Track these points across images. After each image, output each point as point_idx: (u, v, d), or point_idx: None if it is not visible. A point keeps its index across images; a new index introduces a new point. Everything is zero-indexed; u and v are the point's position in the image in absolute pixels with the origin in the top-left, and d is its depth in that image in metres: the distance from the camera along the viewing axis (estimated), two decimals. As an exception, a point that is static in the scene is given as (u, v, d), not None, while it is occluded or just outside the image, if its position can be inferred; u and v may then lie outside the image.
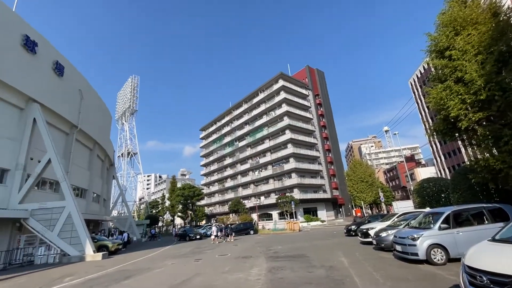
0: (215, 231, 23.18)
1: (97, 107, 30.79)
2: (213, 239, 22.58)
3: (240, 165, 56.68)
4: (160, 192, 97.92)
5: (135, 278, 9.12)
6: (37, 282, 9.81)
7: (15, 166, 17.41)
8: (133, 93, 75.22)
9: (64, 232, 16.20)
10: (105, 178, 35.55)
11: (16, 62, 17.83)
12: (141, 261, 13.91)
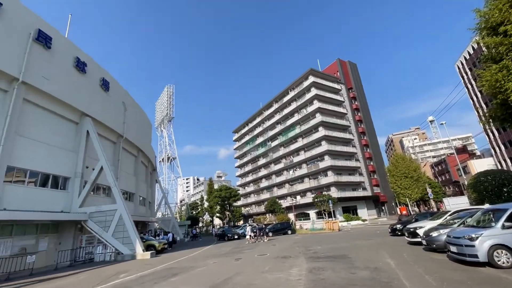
0: (250, 231, 23.49)
1: (138, 117, 33.28)
2: (248, 239, 22.92)
3: (274, 165, 56.65)
4: (198, 194, 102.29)
5: (181, 276, 9.64)
6: (97, 277, 10.91)
7: (74, 174, 19.64)
8: (169, 101, 79.72)
9: (117, 233, 17.78)
10: (149, 182, 38.25)
11: (70, 82, 20.14)
12: (185, 260, 14.65)
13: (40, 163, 17.37)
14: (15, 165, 15.70)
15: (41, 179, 17.53)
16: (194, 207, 69.31)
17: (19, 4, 17.23)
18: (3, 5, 15.82)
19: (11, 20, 16.25)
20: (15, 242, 15.43)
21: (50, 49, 18.71)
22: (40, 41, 17.86)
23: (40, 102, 17.87)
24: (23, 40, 16.78)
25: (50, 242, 17.54)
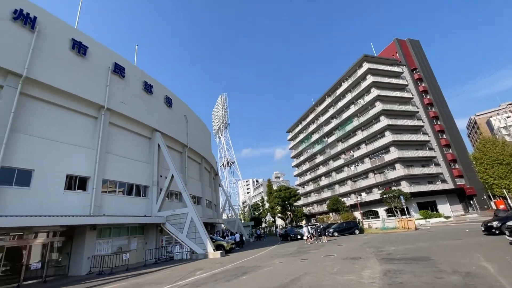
0: (307, 231, 23.04)
1: (198, 127, 36.13)
2: (305, 240, 22.55)
3: (332, 162, 54.16)
4: (259, 195, 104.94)
5: (250, 275, 10.02)
6: (178, 273, 12.20)
7: (152, 183, 22.48)
8: (223, 109, 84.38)
9: (190, 234, 19.57)
10: (213, 187, 41.05)
11: (141, 103, 23.22)
12: (252, 259, 15.18)
13: (125, 175, 20.44)
14: (108, 178, 18.86)
15: (127, 189, 20.61)
16: (256, 208, 71.34)
17: (99, 44, 20.74)
18: (89, 48, 19.31)
19: (94, 59, 19.68)
20: (113, 242, 18.47)
21: (124, 78, 21.96)
22: (116, 72, 21.14)
23: (121, 123, 21.08)
24: (104, 74, 20.12)
25: (138, 242, 20.42)
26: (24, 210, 13.61)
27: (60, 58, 17.26)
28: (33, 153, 14.87)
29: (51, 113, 16.57)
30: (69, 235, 16.85)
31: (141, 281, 11.24)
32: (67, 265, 16.33)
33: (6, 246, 14.12)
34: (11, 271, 14.10)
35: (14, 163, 13.96)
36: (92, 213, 16.60)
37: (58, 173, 15.85)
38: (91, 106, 18.87)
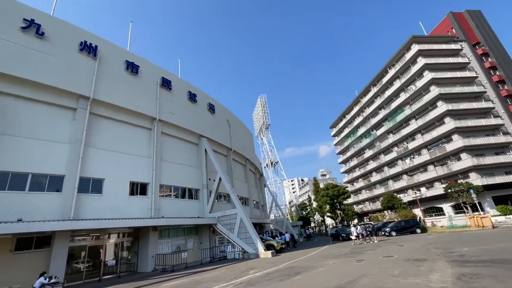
0: (354, 231, 21.77)
1: (241, 130, 37.08)
2: (353, 241, 21.38)
3: (384, 156, 50.24)
4: (305, 194, 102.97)
5: (303, 275, 9.86)
6: (233, 272, 12.65)
7: (202, 186, 23.81)
8: (263, 110, 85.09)
9: (241, 234, 20.13)
10: (259, 187, 41.63)
11: (187, 112, 24.83)
12: (303, 259, 14.93)
13: (178, 180, 22.04)
14: (163, 183, 20.58)
15: (181, 192, 22.18)
16: (303, 208, 70.09)
17: (148, 62, 22.83)
18: (140, 67, 21.41)
19: (145, 76, 21.73)
20: (172, 242, 20.05)
21: (171, 90, 23.75)
22: (164, 85, 23.01)
23: (171, 132, 22.82)
24: (154, 88, 22.07)
25: (194, 242, 21.79)
26: (99, 214, 15.68)
27: (118, 79, 19.52)
28: (102, 164, 17.04)
29: (114, 128, 18.79)
30: (135, 235, 18.84)
31: (200, 278, 11.95)
32: (135, 262, 18.26)
33: (88, 245, 16.43)
34: (93, 267, 16.36)
35: (88, 174, 16.19)
36: (153, 216, 18.30)
37: (123, 180, 17.88)
38: (146, 118, 20.85)
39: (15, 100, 14.82)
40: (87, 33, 18.80)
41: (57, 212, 14.17)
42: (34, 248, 13.62)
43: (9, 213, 12.68)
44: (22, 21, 15.72)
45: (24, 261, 13.09)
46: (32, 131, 14.83)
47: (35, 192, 14.02)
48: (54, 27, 17.07)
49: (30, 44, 15.62)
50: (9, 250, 12.88)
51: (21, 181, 13.75)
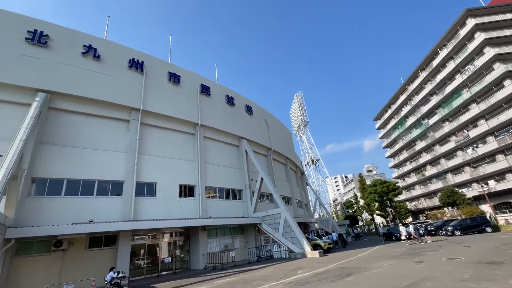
0: (404, 231, 19.94)
1: (279, 129, 36.94)
2: (405, 241, 19.65)
3: (439, 147, 45.25)
4: (350, 192, 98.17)
5: (356, 277, 9.38)
6: (281, 271, 12.63)
7: (244, 186, 24.32)
8: (301, 107, 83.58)
9: (286, 233, 20.02)
10: (301, 186, 40.94)
11: (226, 115, 25.62)
12: (354, 260, 14.21)
13: (221, 181, 22.85)
14: (208, 185, 21.54)
15: (225, 193, 22.97)
16: (349, 206, 66.89)
17: (188, 71, 24.18)
18: (181, 76, 22.79)
19: (185, 84, 23.06)
20: (220, 241, 20.85)
21: (210, 96, 24.78)
22: (203, 92, 24.12)
23: (212, 135, 23.79)
24: (194, 95, 23.28)
25: (240, 241, 22.34)
26: (154, 215, 17.08)
27: (162, 90, 21.07)
28: (154, 169, 18.53)
29: (161, 135, 20.30)
30: (187, 235, 20.06)
31: (249, 277, 12.19)
32: (188, 260, 19.43)
33: (147, 244, 18.01)
34: (151, 263, 17.88)
35: (143, 179, 17.75)
36: (201, 216, 19.27)
37: (173, 183, 19.19)
38: (189, 124, 22.09)
39: (79, 116, 16.99)
40: (134, 51, 20.69)
41: (119, 214, 15.83)
42: (103, 246, 15.42)
43: (82, 216, 14.55)
44: (82, 47, 17.98)
45: (96, 257, 14.89)
46: (95, 143, 16.81)
47: (101, 196, 15.87)
48: (107, 49, 19.16)
49: (89, 66, 17.78)
50: (84, 248, 14.79)
51: (90, 187, 15.70)
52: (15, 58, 15.32)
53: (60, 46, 17.16)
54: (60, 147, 15.47)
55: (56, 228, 12.68)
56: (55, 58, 16.66)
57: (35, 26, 16.62)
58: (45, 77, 15.86)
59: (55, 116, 16.07)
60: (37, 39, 16.35)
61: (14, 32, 15.86)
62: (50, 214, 13.82)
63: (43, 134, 15.15)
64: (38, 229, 12.31)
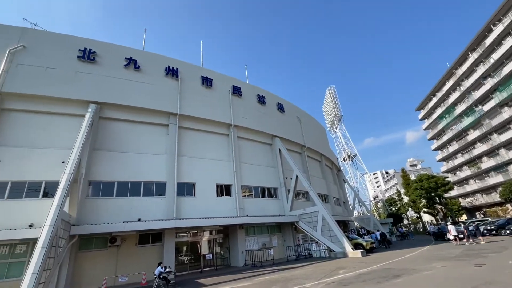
0: (453, 230, 17.98)
1: (312, 125, 36.06)
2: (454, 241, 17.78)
3: (497, 135, 40.10)
4: (392, 188, 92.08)
5: (405, 278, 8.76)
6: (321, 271, 12.35)
7: (279, 184, 24.25)
8: (334, 101, 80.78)
9: (324, 232, 19.51)
10: (338, 183, 39.51)
11: (259, 114, 25.78)
12: (401, 261, 13.30)
13: (256, 180, 23.06)
14: (244, 184, 21.90)
15: (260, 192, 23.14)
16: (392, 203, 62.77)
17: (219, 74, 24.85)
18: (213, 79, 23.52)
19: (218, 87, 23.73)
20: (258, 239, 21.08)
21: (241, 96, 25.15)
22: (235, 93, 24.58)
23: (245, 135, 24.12)
24: (226, 97, 23.83)
25: (278, 240, 22.34)
26: (194, 213, 17.89)
27: (196, 93, 21.96)
28: (193, 170, 19.41)
29: (198, 137, 21.16)
30: (225, 233, 20.66)
31: (289, 275, 12.13)
32: (228, 257, 20.00)
33: (189, 241, 18.95)
34: (194, 260, 18.77)
35: (183, 179, 18.70)
36: (238, 214, 19.68)
37: (210, 183, 19.91)
38: (223, 126, 22.71)
39: (125, 124, 18.49)
40: (169, 59, 21.89)
41: (163, 213, 16.90)
42: (151, 243, 16.60)
43: (132, 215, 15.84)
44: (124, 59, 19.54)
45: (145, 253, 16.09)
46: (139, 147, 18.16)
47: (147, 196, 17.11)
48: (145, 59, 20.56)
49: (130, 77, 19.27)
50: (135, 244, 16.07)
51: (137, 188, 17.01)
52: (70, 75, 17.24)
53: (105, 60, 18.86)
54: (110, 152, 17.03)
55: (110, 226, 14.00)
56: (102, 72, 18.37)
57: (85, 44, 18.49)
58: (95, 90, 17.58)
59: (105, 125, 17.71)
60: (87, 56, 18.18)
61: (68, 52, 17.84)
62: (105, 213, 15.29)
63: (96, 141, 16.81)
64: (95, 227, 13.72)
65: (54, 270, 11.09)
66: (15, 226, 12.78)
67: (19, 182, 14.25)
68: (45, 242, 9.59)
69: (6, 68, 15.71)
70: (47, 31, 18.73)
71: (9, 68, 15.87)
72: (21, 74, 16.06)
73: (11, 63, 16.04)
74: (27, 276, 8.69)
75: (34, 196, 14.25)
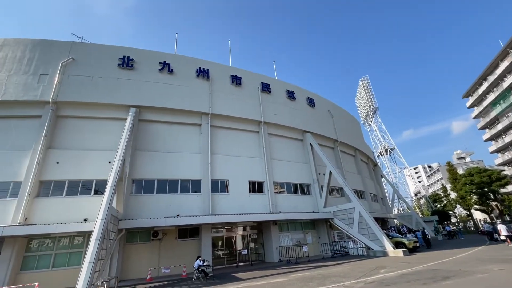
0: (504, 230, 15.86)
1: (345, 119, 34.63)
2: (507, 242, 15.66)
3: None
4: (437, 183, 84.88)
5: (455, 281, 8.05)
6: (360, 269, 11.88)
7: (312, 181, 23.78)
8: (368, 92, 76.64)
9: (362, 229, 18.72)
10: (374, 179, 37.54)
11: (288, 109, 25.50)
12: (449, 262, 12.25)
13: (288, 176, 22.87)
14: (276, 180, 21.87)
15: (293, 188, 22.92)
16: (437, 200, 57.96)
17: (248, 72, 25.03)
18: (242, 78, 23.78)
19: (247, 85, 23.92)
20: (292, 236, 20.96)
21: (270, 93, 25.06)
22: (264, 90, 24.57)
23: (276, 132, 24.02)
24: (256, 94, 23.94)
25: (312, 236, 21.99)
26: (228, 210, 18.37)
27: (226, 92, 22.42)
28: (226, 168, 19.90)
29: (229, 135, 21.60)
30: (259, 229, 20.89)
31: (325, 272, 11.89)
32: (262, 253, 20.21)
33: (224, 236, 19.54)
34: (229, 254, 19.30)
35: (217, 177, 19.27)
36: (271, 211, 19.75)
37: (243, 180, 20.24)
38: (253, 123, 22.88)
39: (162, 125, 19.58)
40: (199, 60, 22.61)
41: (199, 209, 17.62)
42: (189, 237, 17.45)
43: (170, 210, 16.77)
44: (158, 64, 20.65)
45: (184, 247, 16.97)
46: (175, 147, 19.12)
47: (184, 193, 17.98)
48: (177, 63, 21.50)
49: (165, 80, 20.31)
50: (175, 238, 17.03)
51: (174, 185, 17.96)
52: (112, 82, 18.72)
53: (141, 66, 20.12)
54: (150, 152, 18.19)
55: (153, 221, 15.00)
56: (139, 77, 19.63)
57: (123, 53, 19.91)
58: (134, 94, 18.87)
59: (144, 127, 18.94)
60: (126, 64, 19.57)
61: (110, 61, 19.39)
62: (147, 209, 16.42)
63: (137, 142, 18.07)
64: (139, 221, 14.81)
65: (106, 260, 12.23)
66: (72, 220, 14.33)
67: (74, 181, 15.93)
68: (98, 234, 10.60)
69: (60, 79, 17.59)
70: (91, 43, 20.54)
71: (62, 80, 17.73)
72: (72, 84, 17.86)
73: (64, 75, 17.90)
74: (84, 265, 9.69)
75: (87, 194, 15.81)
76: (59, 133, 17.06)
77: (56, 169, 15.86)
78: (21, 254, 13.91)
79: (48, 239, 14.62)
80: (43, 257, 14.25)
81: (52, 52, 18.60)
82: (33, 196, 14.80)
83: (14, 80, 17.18)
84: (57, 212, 14.71)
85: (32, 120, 16.80)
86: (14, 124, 16.68)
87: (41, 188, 15.44)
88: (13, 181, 14.99)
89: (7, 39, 18.72)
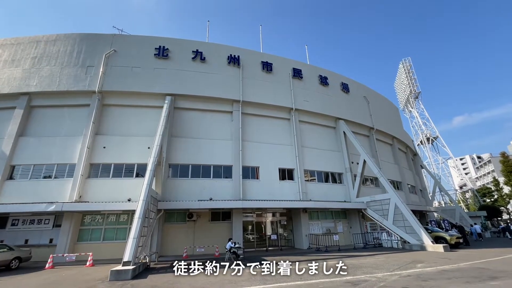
0: None
1: (382, 105, 32.47)
2: None
3: None
4: (486, 176, 76.84)
5: (505, 281, 7.36)
6: (394, 262, 11.44)
7: (345, 170, 23.05)
8: (409, 76, 70.62)
9: (397, 221, 17.87)
10: (413, 169, 35.14)
11: (321, 96, 24.64)
12: (499, 261, 11.20)
13: (320, 164, 22.42)
14: (307, 168, 21.61)
15: (324, 176, 22.48)
16: (486, 194, 52.69)
17: (279, 57, 24.48)
18: (273, 64, 23.37)
19: (278, 71, 23.48)
20: (322, 224, 20.79)
21: (302, 79, 24.33)
22: (295, 76, 23.93)
23: (307, 119, 23.45)
24: (287, 80, 23.45)
25: (344, 226, 21.58)
26: (259, 196, 18.71)
27: (257, 79, 22.28)
28: (256, 155, 20.12)
29: (259, 123, 21.65)
30: (289, 216, 21.05)
31: (356, 263, 11.67)
32: (292, 239, 20.44)
33: (254, 221, 20.07)
34: (259, 239, 19.84)
35: (247, 163, 19.61)
36: (301, 199, 19.70)
37: (273, 167, 20.34)
38: (284, 110, 22.59)
39: (195, 112, 20.25)
40: (230, 48, 22.63)
41: (231, 194, 18.21)
42: (221, 220, 18.26)
43: (204, 194, 17.60)
44: (191, 53, 21.11)
45: (216, 229, 17.82)
46: (208, 134, 19.74)
47: (216, 178, 18.68)
48: (209, 50, 21.77)
49: (198, 68, 20.79)
50: (208, 220, 17.95)
51: (207, 171, 18.73)
52: (150, 72, 19.69)
53: (176, 55, 20.77)
54: (185, 138, 19.05)
55: (188, 203, 15.98)
56: (174, 66, 20.34)
57: (159, 43, 20.68)
58: (170, 83, 19.69)
59: (179, 114, 19.78)
60: (161, 53, 20.35)
61: (147, 51, 20.32)
62: (182, 192, 17.43)
63: (173, 129, 19.00)
64: (176, 203, 15.88)
65: (148, 237, 13.38)
66: (118, 199, 15.79)
67: (119, 164, 17.42)
68: (141, 213, 11.58)
69: (104, 70, 18.96)
70: (130, 35, 21.65)
71: (106, 70, 19.10)
72: (114, 74, 19.16)
73: (107, 66, 19.24)
74: (129, 240, 10.72)
75: (130, 176, 17.24)
76: (105, 120, 18.62)
77: (103, 153, 17.47)
78: (77, 227, 15.86)
79: (98, 216, 16.42)
80: (95, 231, 16.11)
81: (97, 44, 20.00)
82: (85, 177, 16.58)
83: (66, 72, 18.94)
84: (105, 191, 16.33)
85: (81, 108, 18.52)
86: (67, 112, 18.58)
87: (91, 170, 17.20)
88: (69, 163, 16.91)
89: (59, 35, 20.52)
